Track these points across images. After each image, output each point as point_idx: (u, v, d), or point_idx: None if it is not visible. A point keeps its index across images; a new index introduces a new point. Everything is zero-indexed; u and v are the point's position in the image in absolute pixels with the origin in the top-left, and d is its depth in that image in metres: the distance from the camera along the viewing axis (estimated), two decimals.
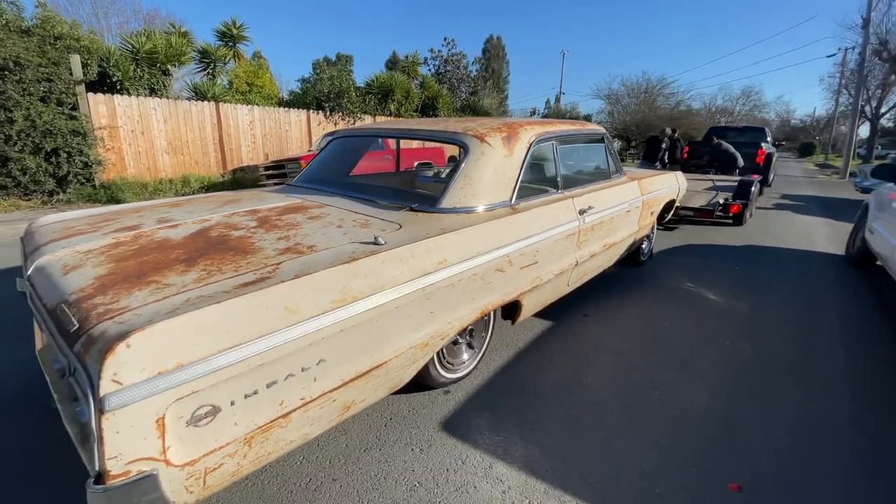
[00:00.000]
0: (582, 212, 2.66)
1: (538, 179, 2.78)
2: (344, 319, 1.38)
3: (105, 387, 0.94)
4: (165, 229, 1.79)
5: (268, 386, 1.23)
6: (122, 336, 0.99)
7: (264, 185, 8.98)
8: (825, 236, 6.29)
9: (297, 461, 1.73)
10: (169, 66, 10.00)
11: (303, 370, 1.31)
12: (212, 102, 10.33)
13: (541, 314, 3.11)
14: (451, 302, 1.80)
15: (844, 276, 4.46)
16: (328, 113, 12.64)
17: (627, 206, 3.28)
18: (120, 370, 0.96)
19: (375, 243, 1.61)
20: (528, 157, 2.40)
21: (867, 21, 14.88)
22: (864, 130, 22.66)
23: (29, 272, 1.52)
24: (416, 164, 10.84)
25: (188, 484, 1.11)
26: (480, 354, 2.38)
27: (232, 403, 1.16)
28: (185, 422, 1.08)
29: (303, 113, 12.31)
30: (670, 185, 4.28)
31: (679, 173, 4.70)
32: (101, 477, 0.98)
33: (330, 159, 3.08)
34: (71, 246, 1.61)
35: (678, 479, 1.70)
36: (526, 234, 2.19)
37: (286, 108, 12.00)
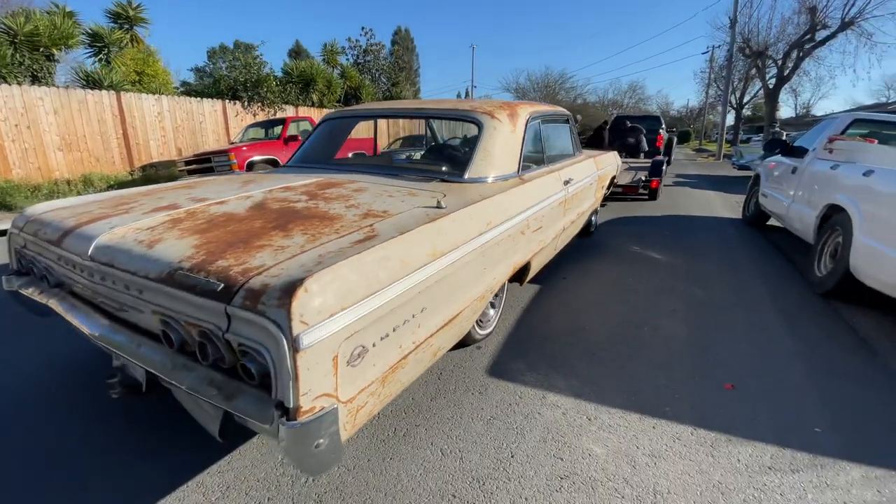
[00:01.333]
0: (566, 182, 3.01)
1: (530, 154, 3.06)
2: (436, 272, 1.53)
3: (296, 328, 1.02)
4: (215, 205, 1.76)
5: (394, 330, 1.35)
6: (300, 283, 1.06)
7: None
8: (721, 205, 7.47)
9: (374, 417, 1.84)
10: (54, 51, 8.70)
11: (413, 316, 1.44)
12: (111, 92, 9.20)
13: (532, 280, 3.43)
14: (495, 260, 2.01)
15: (745, 233, 5.42)
16: (246, 103, 11.90)
17: (590, 180, 3.72)
18: (304, 312, 1.04)
19: (439, 207, 1.76)
20: (526, 132, 2.66)
21: (734, 21, 17.49)
22: (729, 119, 26.49)
23: (91, 251, 1.44)
24: (350, 154, 10.71)
25: (346, 421, 1.20)
26: (500, 312, 2.62)
27: (374, 345, 1.27)
28: (346, 361, 1.17)
29: (218, 103, 11.42)
30: (612, 163, 4.85)
31: (615, 153, 5.32)
32: (290, 413, 1.05)
33: (321, 141, 3.08)
34: (125, 224, 1.54)
35: (685, 386, 2.10)
36: (536, 200, 2.46)
37: (199, 99, 11.04)
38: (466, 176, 2.24)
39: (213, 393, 1.21)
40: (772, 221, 5.77)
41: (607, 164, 4.52)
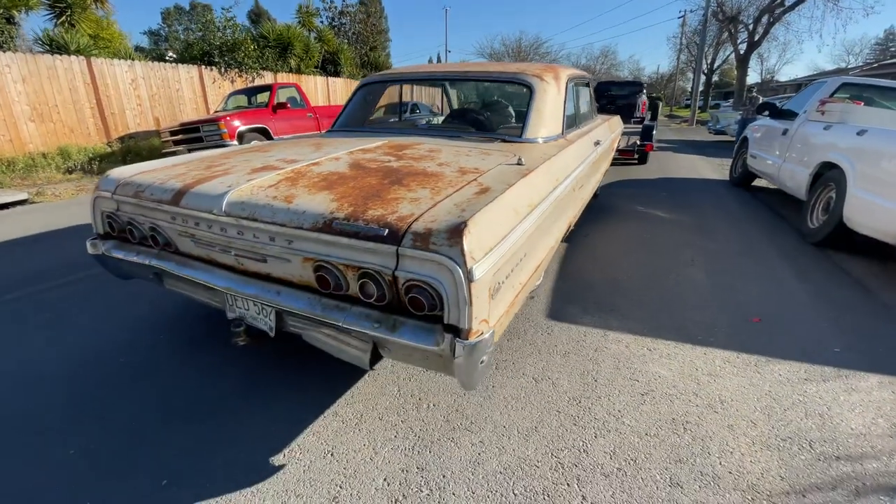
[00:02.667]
0: (596, 143, 3.20)
1: (568, 116, 3.22)
2: (533, 223, 1.70)
3: (469, 262, 1.19)
4: (314, 166, 1.86)
5: (511, 271, 1.53)
6: (464, 225, 1.22)
7: (175, 153, 7.99)
8: (706, 168, 7.87)
9: None
10: (14, 13, 8.04)
11: (519, 262, 1.62)
12: (81, 57, 8.64)
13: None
14: (560, 213, 2.20)
15: (734, 193, 5.81)
16: (223, 69, 11.40)
17: (609, 142, 3.92)
18: (472, 250, 1.21)
19: (520, 163, 1.92)
20: (566, 95, 2.81)
21: None
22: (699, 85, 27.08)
23: (224, 207, 1.53)
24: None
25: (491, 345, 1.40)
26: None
27: (502, 283, 1.45)
28: (491, 294, 1.35)
29: (194, 69, 10.89)
30: (619, 127, 5.06)
31: (619, 118, 5.53)
32: (461, 334, 1.23)
33: (360, 106, 3.14)
34: (243, 184, 1.64)
35: (720, 321, 2.40)
36: (581, 160, 2.64)
37: (174, 65, 10.49)
38: (524, 136, 2.40)
39: (373, 327, 1.38)
40: (757, 182, 6.18)
41: (617, 128, 4.73)
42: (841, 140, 3.76)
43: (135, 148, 9.14)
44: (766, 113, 5.52)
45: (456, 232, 1.22)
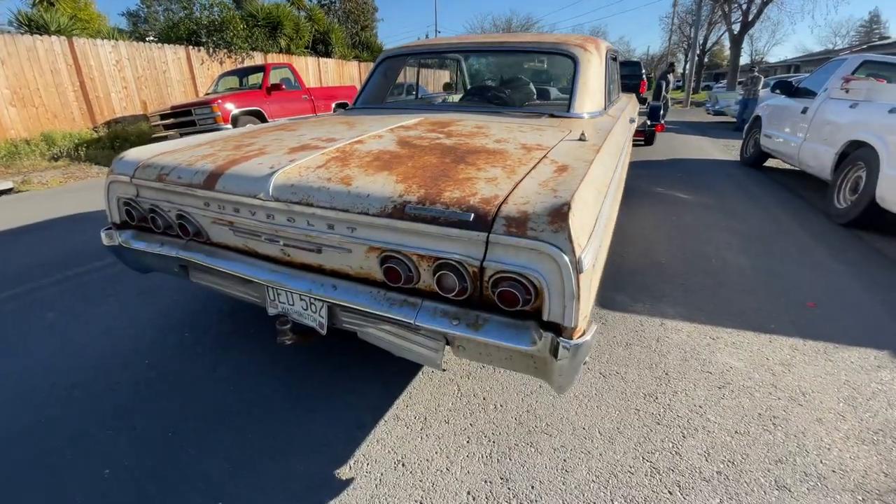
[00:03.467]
0: (631, 120, 3.04)
1: (609, 91, 3.04)
2: (610, 202, 1.55)
3: (577, 250, 1.04)
4: (358, 144, 1.67)
5: (597, 255, 1.38)
6: (567, 206, 1.07)
7: (166, 138, 7.63)
8: (713, 148, 7.77)
9: None
10: None
11: (600, 244, 1.48)
12: (62, 38, 8.15)
13: None
14: (617, 191, 2.05)
15: (748, 173, 5.71)
16: (211, 50, 10.92)
17: (636, 120, 3.76)
18: (578, 235, 1.06)
19: (582, 139, 1.76)
20: (606, 68, 2.64)
21: None
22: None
23: (271, 191, 1.35)
24: (333, 104, 10.18)
25: None
26: None
27: (594, 266, 1.30)
28: (592, 285, 1.20)
29: (181, 50, 10.39)
30: (637, 106, 4.90)
31: (634, 96, 5.36)
32: (564, 333, 1.09)
33: (382, 81, 2.93)
34: (294, 162, 1.45)
35: (777, 307, 2.29)
36: (625, 136, 2.49)
37: (160, 45, 10.00)
38: (571, 111, 2.23)
39: (451, 325, 1.22)
40: (769, 162, 6.09)
41: (636, 105, 4.57)
42: (871, 118, 3.64)
43: (122, 133, 8.74)
44: (778, 91, 5.39)
45: (559, 215, 1.06)
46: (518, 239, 1.07)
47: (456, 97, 3.83)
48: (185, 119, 7.55)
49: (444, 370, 1.29)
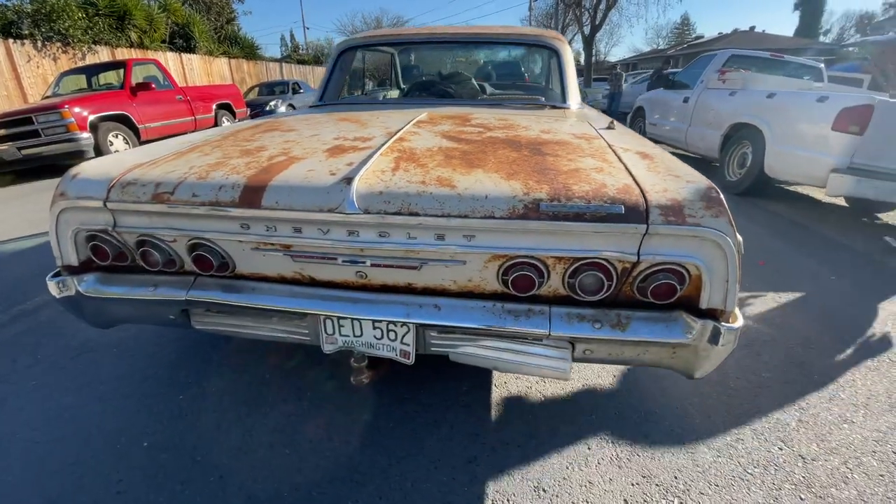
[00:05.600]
0: None
1: None
2: None
3: (736, 231, 1.03)
4: (402, 142, 1.46)
5: None
6: (713, 190, 1.05)
7: None
8: None
9: None
10: None
11: None
12: None
13: None
14: None
15: None
16: (40, 43, 8.87)
17: None
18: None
19: (611, 128, 1.79)
20: None
21: None
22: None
23: (356, 203, 1.10)
24: (214, 105, 9.01)
25: None
26: None
27: None
28: None
29: None
30: None
31: None
32: (721, 318, 1.07)
33: (341, 77, 2.64)
34: (365, 166, 1.20)
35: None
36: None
37: None
38: (567, 102, 2.26)
39: (594, 329, 1.13)
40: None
41: None
42: (752, 103, 4.37)
43: None
44: (660, 86, 6.22)
45: (714, 200, 1.04)
46: (678, 227, 1.03)
47: (393, 93, 3.60)
48: (22, 129, 5.99)
49: (566, 380, 1.19)
